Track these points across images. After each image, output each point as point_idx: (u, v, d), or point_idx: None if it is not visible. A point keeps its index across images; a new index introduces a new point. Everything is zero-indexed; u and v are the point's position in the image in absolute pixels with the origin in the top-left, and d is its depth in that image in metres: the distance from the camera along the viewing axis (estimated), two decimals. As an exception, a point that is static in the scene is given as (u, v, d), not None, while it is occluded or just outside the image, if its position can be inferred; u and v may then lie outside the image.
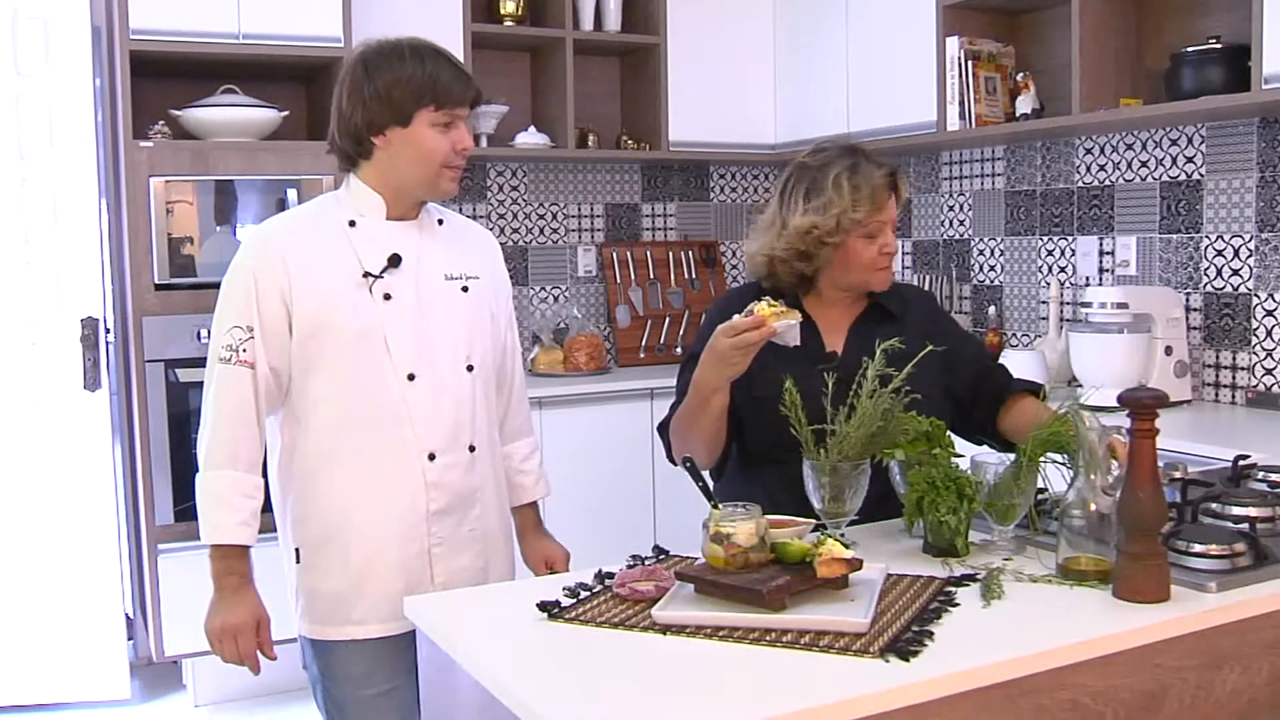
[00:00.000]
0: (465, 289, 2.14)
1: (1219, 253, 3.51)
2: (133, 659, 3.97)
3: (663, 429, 2.25)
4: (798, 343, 1.99)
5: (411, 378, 2.04)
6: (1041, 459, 1.83)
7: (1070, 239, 3.97)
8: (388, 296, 2.03)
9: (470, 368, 2.11)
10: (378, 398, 2.02)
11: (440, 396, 2.06)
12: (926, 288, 4.38)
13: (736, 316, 1.97)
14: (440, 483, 2.07)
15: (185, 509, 3.66)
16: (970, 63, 3.85)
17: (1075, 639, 1.49)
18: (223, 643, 2.00)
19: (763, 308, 1.95)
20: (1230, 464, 2.29)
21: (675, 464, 2.25)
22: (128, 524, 3.98)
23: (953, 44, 3.86)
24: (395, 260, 2.05)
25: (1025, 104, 3.79)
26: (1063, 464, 1.83)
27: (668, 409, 2.23)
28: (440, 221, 2.17)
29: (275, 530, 2.13)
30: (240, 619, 1.99)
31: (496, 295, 2.23)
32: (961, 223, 4.40)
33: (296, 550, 2.08)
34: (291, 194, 3.79)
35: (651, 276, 4.97)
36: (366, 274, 2.03)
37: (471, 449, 2.11)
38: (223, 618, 2.00)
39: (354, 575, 2.04)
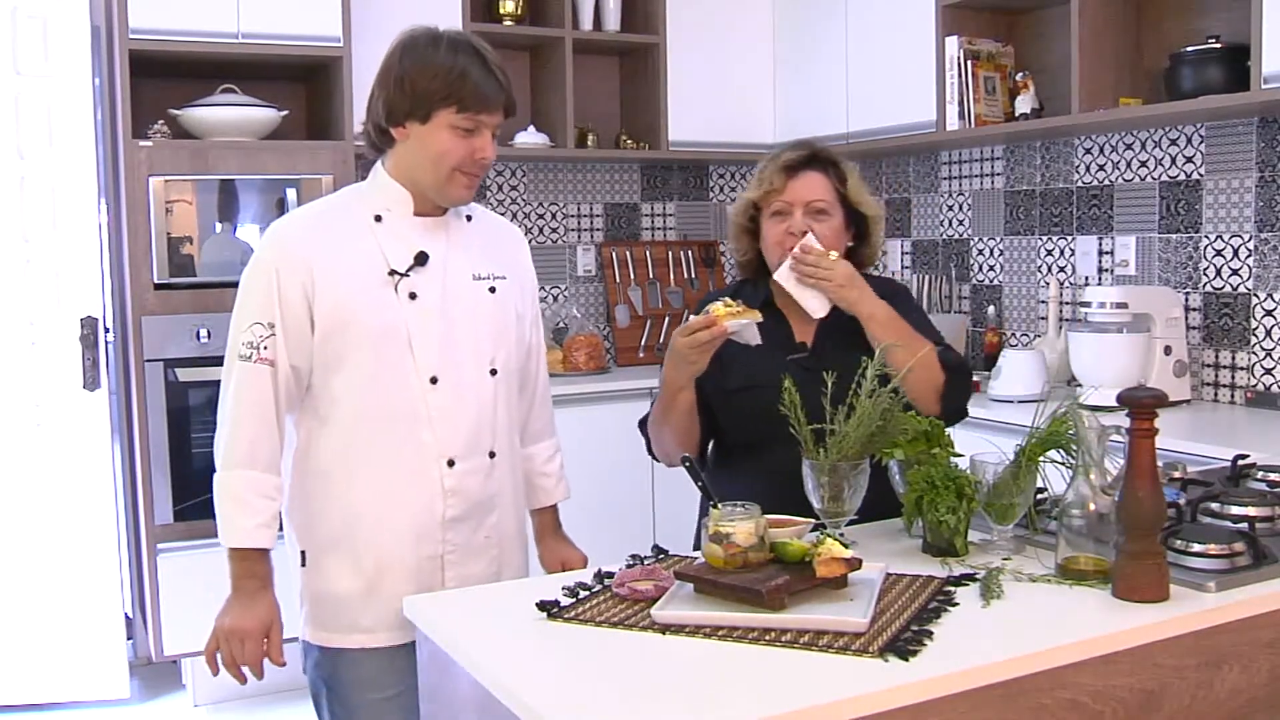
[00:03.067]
0: (493, 289, 2.07)
1: (1218, 252, 3.51)
2: (132, 658, 3.97)
3: (643, 425, 2.31)
4: (758, 341, 2.05)
5: (434, 381, 1.97)
6: (1040, 459, 1.83)
7: (1069, 239, 3.97)
8: (413, 296, 1.97)
9: (494, 371, 2.05)
10: (398, 399, 1.96)
11: (462, 401, 2.00)
12: (925, 287, 4.38)
13: (693, 316, 2.04)
14: (458, 489, 2.00)
15: (185, 509, 3.67)
16: (969, 62, 3.85)
17: (1074, 638, 1.49)
18: (229, 643, 1.94)
19: (718, 307, 2.02)
20: (1229, 463, 2.29)
21: (655, 459, 2.32)
22: (127, 524, 3.98)
23: (952, 44, 3.86)
24: (422, 258, 1.98)
25: (1024, 104, 3.79)
26: (1062, 464, 1.83)
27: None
28: (469, 218, 2.10)
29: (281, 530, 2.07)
30: (251, 623, 1.93)
31: (523, 294, 2.16)
32: (961, 222, 4.41)
33: (302, 553, 2.03)
34: (291, 193, 3.79)
35: (651, 276, 4.97)
36: (393, 272, 1.97)
37: (491, 455, 2.05)
38: (234, 618, 1.94)
39: (365, 580, 1.98)
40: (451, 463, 1.99)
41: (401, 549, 1.98)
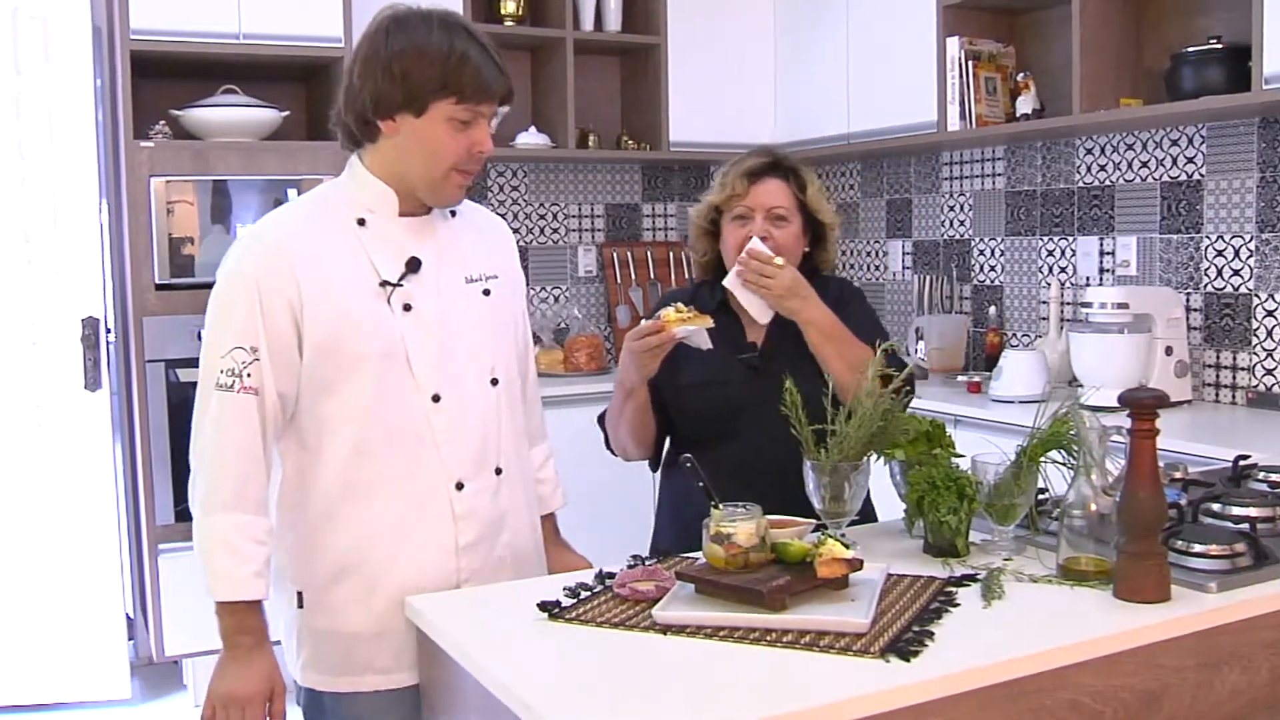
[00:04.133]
0: (487, 292, 1.90)
1: (1219, 253, 3.51)
2: (133, 659, 3.97)
3: (601, 420, 2.34)
4: (708, 346, 2.09)
5: (436, 399, 1.81)
6: (1041, 459, 1.83)
7: (1070, 239, 3.97)
8: (408, 307, 1.79)
9: (494, 381, 1.89)
10: (400, 421, 1.79)
11: (465, 417, 1.84)
12: (926, 288, 4.38)
13: (645, 321, 2.07)
14: (468, 513, 1.84)
15: (185, 509, 3.66)
16: (970, 63, 3.85)
17: (1075, 639, 1.49)
18: (227, 710, 1.74)
19: (669, 313, 2.05)
20: (1230, 464, 2.29)
21: (614, 454, 2.36)
22: (128, 524, 3.99)
23: (953, 44, 3.86)
24: (414, 265, 1.81)
25: (1025, 104, 3.79)
26: (1063, 464, 1.83)
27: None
28: (452, 213, 1.92)
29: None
30: (252, 687, 1.74)
31: (514, 293, 2.01)
32: (962, 223, 4.40)
33: (299, 594, 1.84)
34: (291, 194, 3.79)
35: (652, 277, 4.97)
36: (385, 283, 1.79)
37: (498, 471, 1.89)
38: (231, 684, 1.74)
39: (376, 618, 1.79)
40: (460, 485, 1.83)
41: (415, 582, 1.80)
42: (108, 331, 3.81)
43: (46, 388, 3.69)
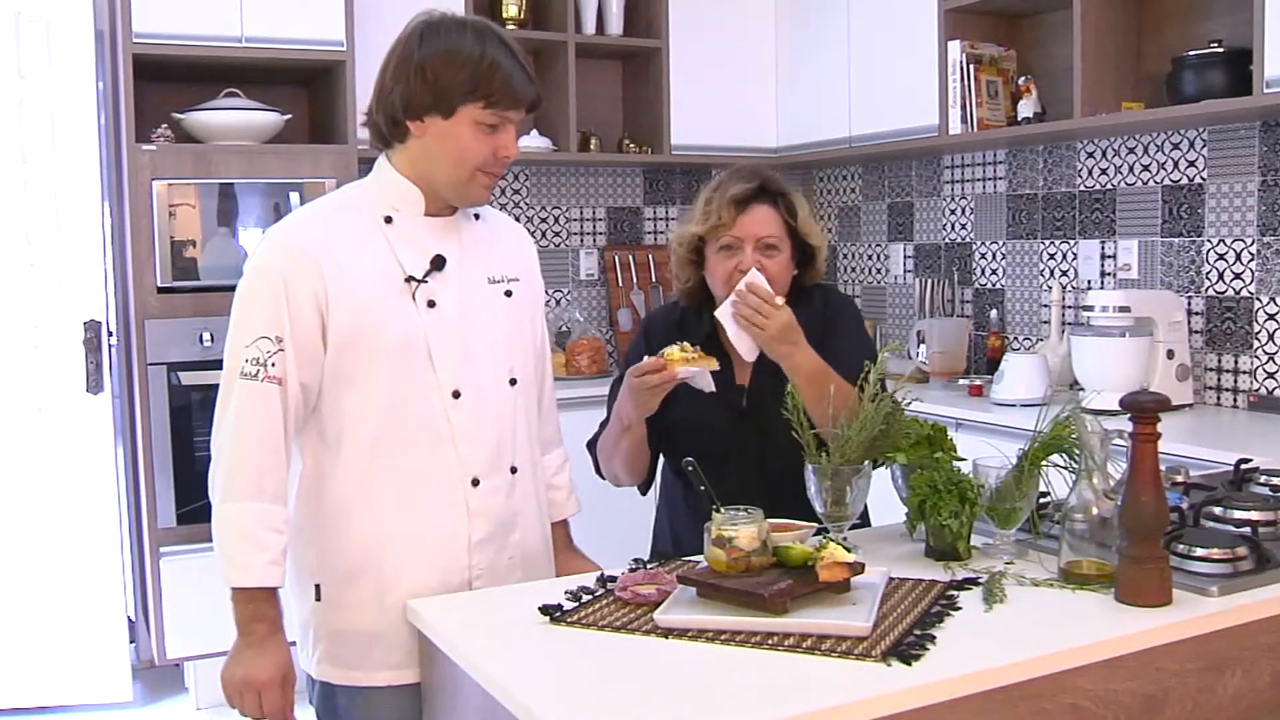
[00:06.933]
0: (508, 293, 1.94)
1: (1220, 256, 3.51)
2: (134, 661, 3.97)
3: (591, 446, 2.30)
4: (711, 389, 2.04)
5: (456, 395, 1.84)
6: (1043, 463, 1.83)
7: (1072, 242, 3.97)
8: (431, 303, 1.83)
9: (513, 381, 1.93)
10: (419, 417, 1.82)
11: (483, 414, 1.87)
12: (928, 291, 4.38)
13: (648, 358, 2.01)
14: (482, 510, 1.87)
15: (187, 512, 3.67)
16: (972, 66, 3.85)
17: (1077, 643, 1.49)
18: (244, 697, 1.76)
19: (673, 352, 2.00)
20: (1232, 468, 2.29)
21: (604, 479, 2.32)
22: (130, 527, 3.99)
23: (954, 48, 3.86)
24: (439, 262, 1.84)
25: (1027, 108, 3.79)
26: (1064, 468, 1.83)
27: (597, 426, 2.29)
28: (476, 216, 1.97)
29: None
30: (268, 673, 1.76)
31: (534, 298, 2.05)
32: (963, 226, 4.41)
33: (317, 586, 1.86)
34: (294, 197, 3.79)
35: (653, 280, 4.97)
36: (410, 278, 1.82)
37: (513, 470, 1.92)
38: (247, 669, 1.76)
39: (392, 617, 1.80)
40: (476, 482, 1.86)
41: (430, 578, 1.83)
42: (109, 334, 3.81)
43: (48, 391, 3.69)
